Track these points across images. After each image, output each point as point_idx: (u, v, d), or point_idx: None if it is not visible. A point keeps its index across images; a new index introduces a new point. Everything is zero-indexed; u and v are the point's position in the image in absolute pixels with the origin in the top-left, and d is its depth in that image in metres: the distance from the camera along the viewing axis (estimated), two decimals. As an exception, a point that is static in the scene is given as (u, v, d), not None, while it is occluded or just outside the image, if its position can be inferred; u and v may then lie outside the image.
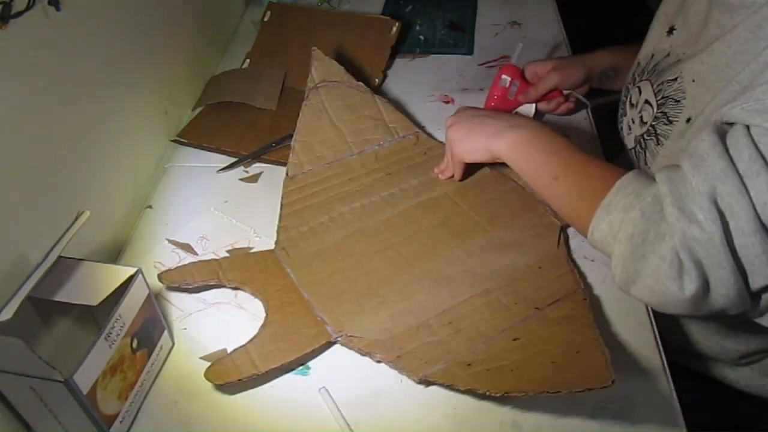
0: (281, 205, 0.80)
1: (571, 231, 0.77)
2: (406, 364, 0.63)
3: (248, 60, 1.08)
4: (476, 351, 0.63)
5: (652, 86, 0.75)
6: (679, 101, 0.69)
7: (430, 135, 0.91)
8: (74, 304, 0.57)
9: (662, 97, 0.72)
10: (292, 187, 0.82)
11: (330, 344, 0.67)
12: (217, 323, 0.70)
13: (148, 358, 0.63)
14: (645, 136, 0.75)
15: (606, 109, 0.96)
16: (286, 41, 1.08)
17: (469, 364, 0.61)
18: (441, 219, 0.77)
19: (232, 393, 0.63)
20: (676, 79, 0.69)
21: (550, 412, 0.61)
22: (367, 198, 0.81)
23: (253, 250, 0.77)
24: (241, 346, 0.65)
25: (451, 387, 0.60)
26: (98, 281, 0.58)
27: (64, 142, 0.69)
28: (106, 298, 0.57)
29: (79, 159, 0.72)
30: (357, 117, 0.88)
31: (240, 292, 0.72)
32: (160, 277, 0.71)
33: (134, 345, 0.59)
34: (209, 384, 0.64)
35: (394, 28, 1.06)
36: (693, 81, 0.67)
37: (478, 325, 0.65)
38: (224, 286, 0.73)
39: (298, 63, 1.05)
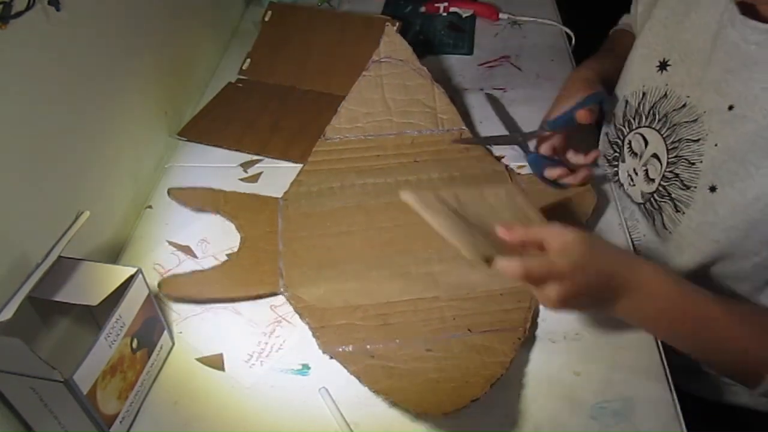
0: (306, 161, 0.84)
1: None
2: (322, 335, 0.66)
3: (249, 60, 1.08)
4: (388, 347, 0.64)
5: (664, 141, 0.70)
6: (694, 164, 0.65)
7: (477, 136, 0.90)
8: (74, 304, 0.57)
9: (675, 156, 0.68)
10: (323, 148, 0.86)
11: (274, 295, 0.71)
12: (215, 326, 0.70)
13: (148, 358, 0.63)
14: (656, 197, 0.72)
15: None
16: (287, 41, 1.08)
17: (373, 356, 0.64)
18: None
19: (231, 390, 0.64)
20: (698, 141, 0.65)
21: (550, 412, 0.61)
22: (383, 178, 0.82)
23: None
24: (199, 270, 0.72)
25: (344, 368, 0.63)
26: (98, 281, 0.58)
27: (64, 141, 0.69)
28: (106, 298, 0.57)
29: (79, 159, 0.72)
30: (409, 99, 0.88)
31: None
32: (169, 191, 0.81)
33: (134, 345, 0.59)
34: (209, 384, 0.64)
35: (394, 28, 1.06)
36: (715, 145, 0.63)
37: (407, 325, 0.66)
38: (219, 214, 0.79)
39: (299, 63, 1.05)
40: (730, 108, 0.62)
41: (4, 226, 0.59)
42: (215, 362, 0.66)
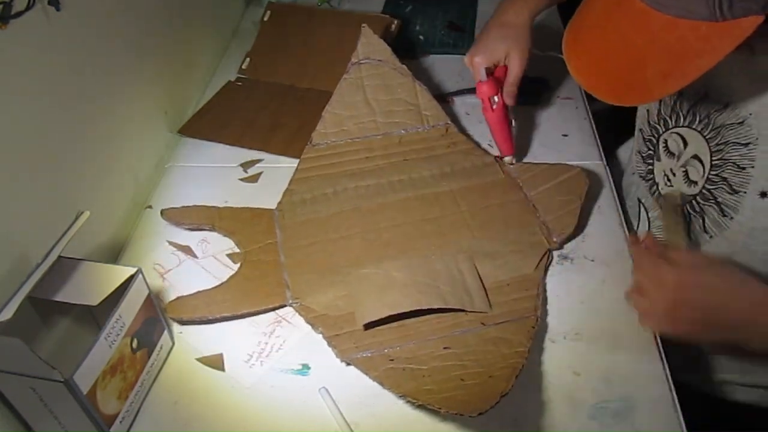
0: (295, 169, 0.84)
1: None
2: (339, 343, 0.65)
3: (248, 59, 1.08)
4: (405, 348, 0.64)
5: (707, 143, 0.67)
6: (744, 168, 0.63)
7: (463, 130, 0.91)
8: (74, 304, 0.57)
9: (720, 159, 0.65)
10: (312, 155, 0.85)
11: (282, 307, 0.70)
12: (215, 326, 0.69)
13: (148, 358, 0.63)
14: (699, 199, 0.69)
15: (605, 114, 0.95)
16: (286, 40, 1.09)
17: (392, 359, 0.63)
18: (435, 215, 0.77)
19: (231, 390, 0.64)
20: (747, 145, 0.62)
21: (550, 412, 0.61)
22: (375, 179, 0.82)
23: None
24: (205, 290, 0.70)
25: (365, 374, 0.62)
26: (98, 281, 0.58)
27: (64, 142, 0.69)
28: (106, 298, 0.57)
29: (79, 159, 0.72)
30: (392, 98, 0.88)
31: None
32: (162, 212, 0.79)
33: (134, 345, 0.59)
34: (209, 384, 0.64)
35: (393, 26, 1.06)
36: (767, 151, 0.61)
37: (421, 324, 0.66)
38: (215, 231, 0.78)
39: (298, 62, 1.05)
40: None
41: (4, 226, 0.59)
42: (215, 362, 0.66)
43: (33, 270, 0.55)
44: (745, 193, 0.63)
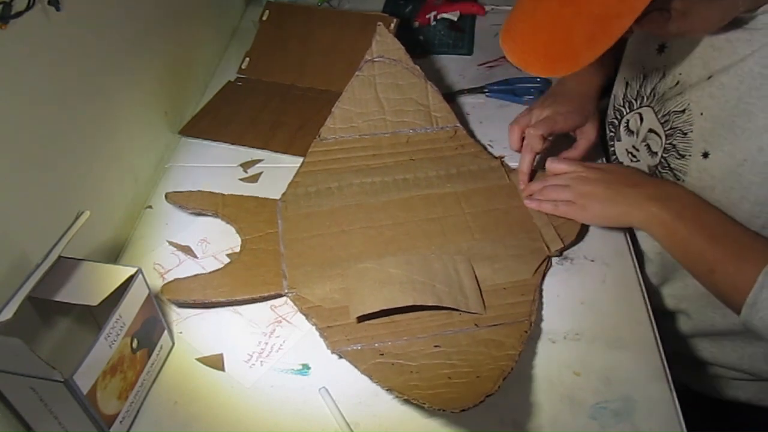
0: (302, 162, 0.84)
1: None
2: (331, 335, 0.66)
3: (248, 59, 1.08)
4: (396, 344, 0.64)
5: (656, 115, 0.73)
6: (686, 134, 0.68)
7: (471, 133, 0.91)
8: (74, 304, 0.57)
9: (670, 128, 0.70)
10: (319, 149, 0.86)
11: (278, 296, 0.71)
12: (215, 326, 0.70)
13: (148, 358, 0.63)
14: (660, 168, 0.74)
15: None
16: (285, 39, 1.08)
17: (382, 354, 0.63)
18: (437, 215, 0.77)
19: (231, 390, 0.64)
20: (684, 111, 0.68)
21: (550, 412, 0.61)
22: (380, 177, 0.82)
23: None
24: (203, 273, 0.72)
25: (355, 367, 0.63)
26: (98, 281, 0.58)
27: (64, 142, 0.69)
28: (106, 298, 0.57)
29: (79, 159, 0.72)
30: (403, 98, 0.88)
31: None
32: (167, 195, 0.80)
33: (134, 345, 0.60)
34: (209, 384, 0.64)
35: (392, 25, 1.06)
36: (701, 114, 0.66)
37: (413, 321, 0.66)
38: (218, 217, 0.80)
39: (298, 61, 1.05)
40: (709, 78, 0.64)
41: (4, 226, 0.59)
42: (215, 362, 0.66)
43: (33, 270, 0.55)
44: (690, 156, 0.68)
